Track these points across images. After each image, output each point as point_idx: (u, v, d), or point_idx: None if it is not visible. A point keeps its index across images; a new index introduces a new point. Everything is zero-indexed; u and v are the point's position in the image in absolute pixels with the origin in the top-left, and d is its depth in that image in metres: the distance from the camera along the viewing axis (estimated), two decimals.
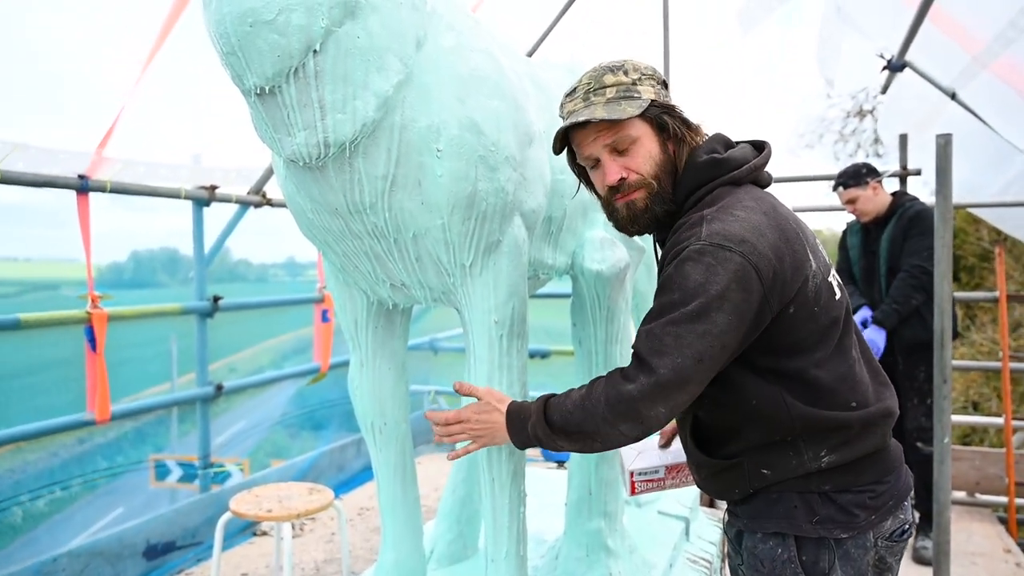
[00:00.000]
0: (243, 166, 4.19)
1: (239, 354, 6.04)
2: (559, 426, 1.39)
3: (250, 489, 2.94)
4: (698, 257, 1.27)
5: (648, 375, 1.28)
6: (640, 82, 1.40)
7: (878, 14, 4.21)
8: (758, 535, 1.43)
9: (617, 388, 1.31)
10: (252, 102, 1.49)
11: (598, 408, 1.33)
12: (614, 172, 1.42)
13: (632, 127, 1.39)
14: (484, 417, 1.54)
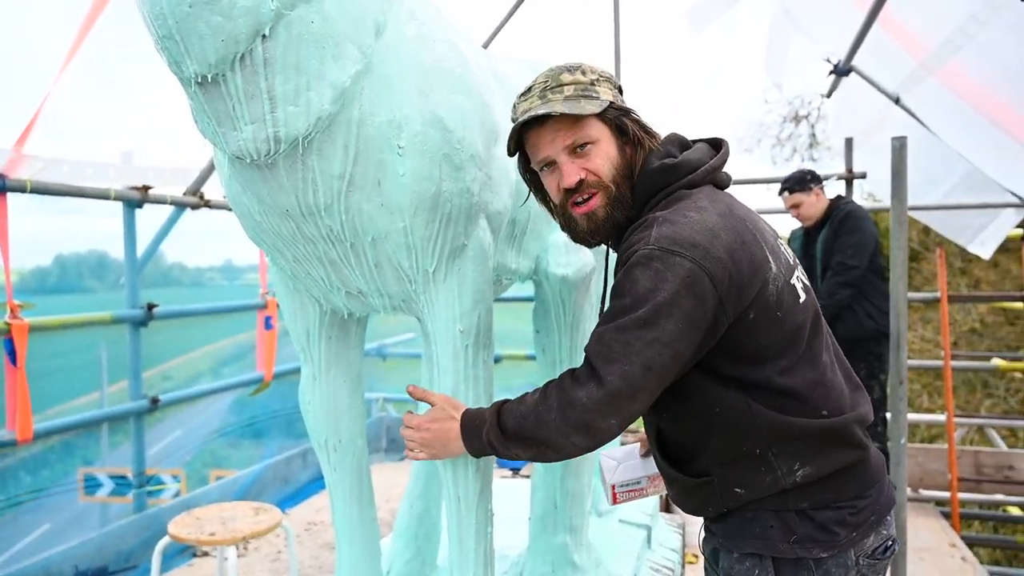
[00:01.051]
0: (179, 165, 3.96)
1: (174, 361, 5.76)
2: (513, 432, 1.34)
3: (190, 510, 2.75)
4: (647, 262, 1.22)
5: (598, 384, 1.23)
6: (598, 83, 1.35)
7: (827, 18, 4.27)
8: (734, 555, 1.35)
9: (568, 395, 1.27)
10: (192, 92, 1.34)
11: (551, 415, 1.28)
12: (572, 173, 1.34)
13: (591, 127, 1.33)
14: (436, 426, 1.48)
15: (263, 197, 1.51)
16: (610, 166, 1.34)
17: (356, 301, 1.76)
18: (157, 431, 4.66)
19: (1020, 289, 10.00)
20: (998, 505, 4.81)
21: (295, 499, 4.83)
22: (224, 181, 1.63)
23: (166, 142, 3.87)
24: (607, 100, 1.33)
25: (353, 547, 1.97)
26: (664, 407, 1.35)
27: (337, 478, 1.94)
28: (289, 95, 1.35)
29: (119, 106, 3.54)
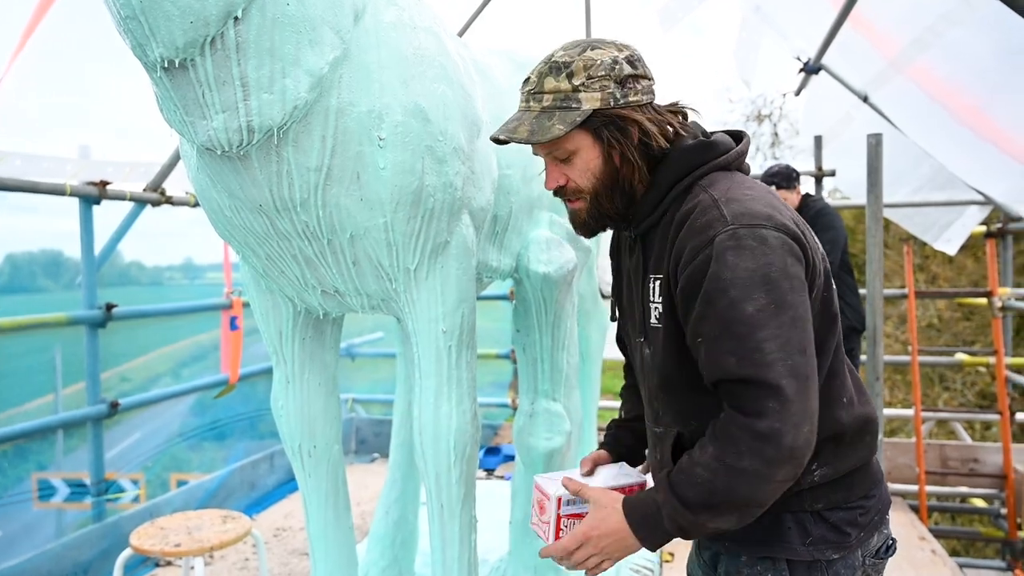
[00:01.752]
0: (140, 160, 3.80)
1: (132, 362, 5.56)
2: (702, 503, 1.12)
3: (153, 520, 2.63)
4: (736, 244, 1.11)
5: (775, 397, 1.06)
6: (585, 87, 1.21)
7: (797, 16, 4.29)
8: (742, 558, 1.29)
9: (753, 428, 1.07)
10: (157, 78, 1.25)
11: (742, 462, 1.08)
12: (553, 178, 1.29)
13: (567, 141, 1.23)
14: (605, 528, 1.21)
15: (234, 191, 1.43)
16: (590, 177, 1.25)
17: (332, 301, 1.69)
18: (115, 434, 4.48)
19: (975, 284, 10.27)
20: (962, 497, 4.90)
21: (263, 504, 4.70)
22: (191, 174, 1.54)
23: (126, 135, 3.71)
24: (589, 109, 1.21)
25: (329, 556, 1.89)
26: (694, 412, 1.25)
27: (312, 485, 1.86)
28: (263, 82, 1.27)
29: (76, 97, 3.38)
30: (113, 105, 3.31)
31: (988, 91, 3.38)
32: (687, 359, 1.20)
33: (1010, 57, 2.97)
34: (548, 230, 2.15)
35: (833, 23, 3.76)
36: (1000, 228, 4.65)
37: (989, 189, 4.51)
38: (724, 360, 1.10)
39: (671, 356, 1.23)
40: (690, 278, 1.14)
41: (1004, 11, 2.58)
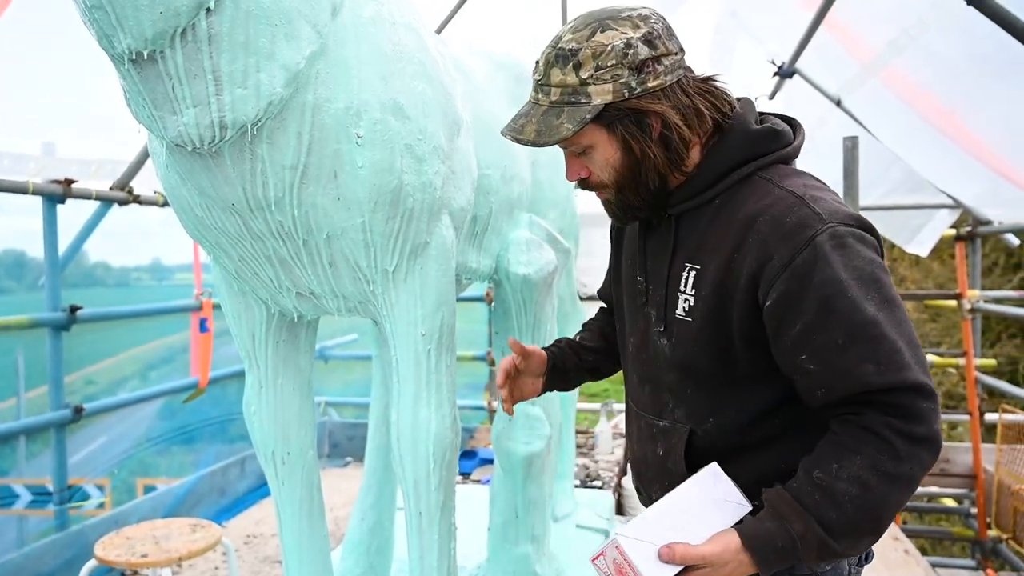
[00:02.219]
0: (106, 157, 3.70)
1: (98, 365, 5.42)
2: (847, 526, 1.00)
3: (119, 529, 2.55)
4: (840, 243, 1.02)
5: (928, 397, 0.99)
6: (594, 80, 1.08)
7: (773, 20, 4.31)
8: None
9: (913, 435, 0.99)
10: (125, 71, 1.20)
11: (902, 467, 0.99)
12: (573, 171, 1.20)
13: (580, 137, 1.13)
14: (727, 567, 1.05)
15: (206, 189, 1.37)
16: (610, 172, 1.15)
17: (307, 303, 1.64)
18: (79, 438, 4.35)
19: (940, 287, 10.47)
20: (932, 497, 4.97)
21: (233, 510, 4.60)
22: (160, 172, 1.48)
23: (92, 132, 3.60)
24: (601, 103, 1.08)
25: (303, 565, 1.84)
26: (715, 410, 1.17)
27: (286, 492, 1.81)
28: (236, 76, 1.22)
29: (39, 92, 3.27)
30: (78, 100, 3.21)
31: (960, 96, 3.42)
32: (727, 358, 1.12)
33: (982, 62, 3.01)
34: (528, 231, 2.12)
35: (808, 27, 3.78)
36: (969, 231, 4.73)
37: (959, 193, 4.59)
38: (861, 369, 1.00)
39: (704, 352, 1.14)
40: (792, 281, 1.02)
41: (977, 17, 2.61)
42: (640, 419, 1.30)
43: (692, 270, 1.15)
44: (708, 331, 1.13)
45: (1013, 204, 4.28)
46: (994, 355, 9.48)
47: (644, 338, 1.25)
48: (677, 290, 1.17)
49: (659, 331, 1.21)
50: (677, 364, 1.19)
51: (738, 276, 1.08)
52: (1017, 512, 4.07)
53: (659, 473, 1.26)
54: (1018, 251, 10.34)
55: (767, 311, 1.06)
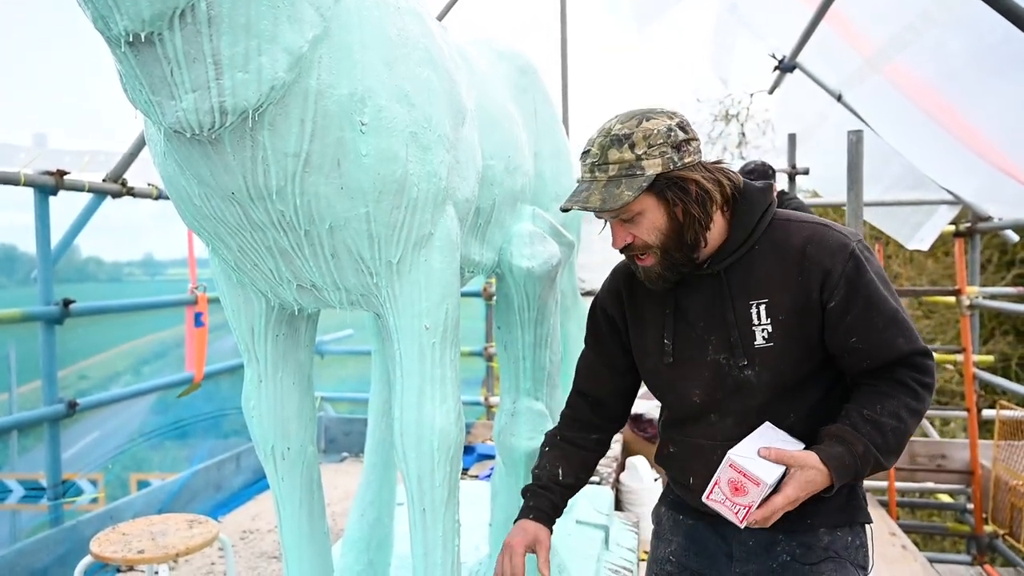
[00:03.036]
0: (99, 148, 3.64)
1: (91, 359, 5.37)
2: (894, 447, 1.34)
3: (115, 525, 2.51)
4: (865, 252, 1.38)
5: (931, 357, 1.38)
6: (647, 156, 1.33)
7: (774, 14, 4.28)
8: (820, 530, 1.42)
9: (924, 381, 1.34)
10: (121, 54, 1.16)
11: (923, 405, 1.35)
12: (620, 238, 1.40)
13: (634, 204, 1.35)
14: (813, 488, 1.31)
15: (205, 178, 1.33)
16: (657, 235, 1.37)
17: (308, 295, 1.60)
18: (72, 433, 4.31)
19: (933, 283, 10.48)
20: (929, 493, 4.97)
21: (229, 506, 4.57)
22: (157, 160, 1.44)
23: (85, 122, 3.54)
24: (653, 174, 1.33)
25: (303, 563, 1.81)
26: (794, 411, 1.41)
27: (286, 489, 1.77)
28: (237, 60, 1.18)
29: (31, 82, 3.21)
30: (71, 89, 3.16)
31: (962, 91, 3.40)
32: (806, 365, 1.38)
33: (986, 57, 2.98)
34: (531, 224, 2.09)
35: (810, 21, 3.76)
36: (969, 227, 4.72)
37: (959, 189, 4.57)
38: (896, 342, 1.33)
39: (788, 368, 1.38)
40: (847, 285, 1.34)
41: (981, 10, 2.58)
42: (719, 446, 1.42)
43: (761, 304, 1.38)
44: (791, 348, 1.37)
45: (1013, 201, 4.27)
46: (987, 351, 9.51)
47: (717, 382, 1.43)
48: (751, 325, 1.39)
49: (741, 365, 1.40)
50: (765, 386, 1.39)
51: (809, 292, 1.35)
52: (1014, 508, 4.07)
53: None
54: (1012, 248, 10.36)
55: (830, 310, 1.35)
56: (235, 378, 5.07)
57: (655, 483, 4.29)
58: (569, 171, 2.47)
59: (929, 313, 11.42)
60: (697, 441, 1.48)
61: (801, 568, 1.41)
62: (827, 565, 1.40)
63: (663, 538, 1.63)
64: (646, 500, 4.17)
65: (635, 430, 4.69)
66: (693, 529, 1.57)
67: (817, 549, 1.41)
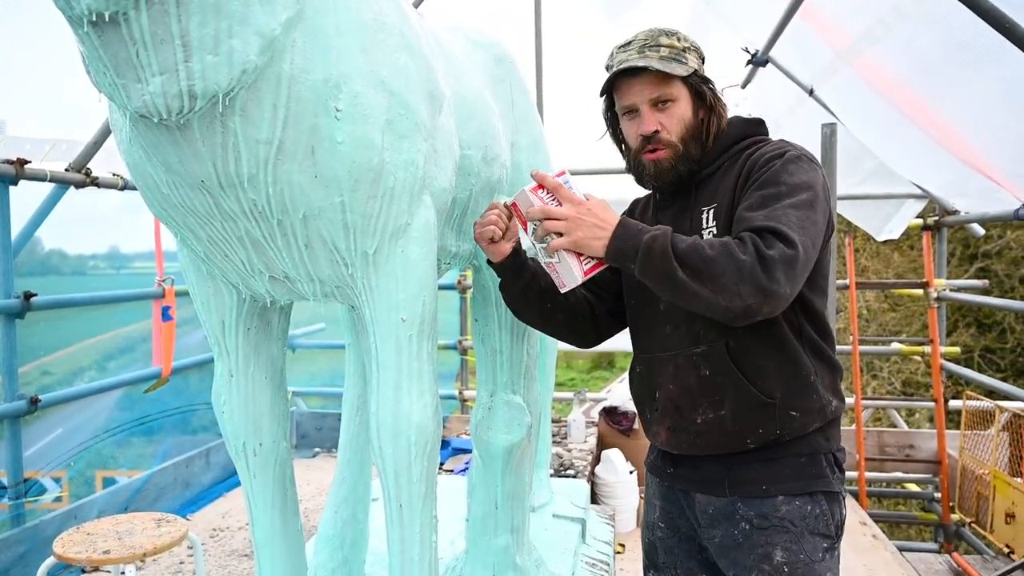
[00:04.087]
0: (61, 136, 3.53)
1: (54, 355, 5.24)
2: (685, 253, 1.31)
3: (79, 525, 2.44)
4: (798, 161, 1.41)
5: (788, 244, 1.28)
6: (688, 51, 1.50)
7: (747, 7, 4.29)
8: (778, 498, 1.45)
9: (760, 249, 1.27)
10: (84, 34, 1.10)
11: (742, 257, 1.27)
12: (651, 123, 1.50)
13: (675, 87, 1.48)
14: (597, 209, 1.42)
15: (172, 165, 1.28)
16: (682, 126, 1.50)
17: (281, 287, 1.56)
18: (35, 430, 4.20)
19: (899, 276, 10.68)
20: (897, 482, 5.06)
21: (198, 503, 4.49)
22: (123, 147, 1.38)
23: (47, 109, 3.44)
24: (693, 68, 1.48)
25: (275, 560, 1.77)
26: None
27: (258, 486, 1.73)
28: (207, 42, 1.13)
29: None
30: (32, 74, 3.05)
31: (931, 85, 3.44)
32: None
33: (956, 52, 3.02)
34: None
35: (783, 15, 3.77)
36: (936, 221, 4.80)
37: (927, 183, 4.64)
38: (750, 217, 1.34)
39: None
40: (759, 169, 1.42)
41: (951, 6, 2.61)
42: (676, 359, 1.53)
43: (710, 209, 1.48)
44: None
45: (979, 194, 4.35)
46: (952, 343, 9.71)
47: None
48: (701, 230, 1.47)
49: None
50: None
51: (735, 189, 1.45)
52: (980, 496, 4.16)
53: (707, 392, 1.48)
54: (975, 242, 10.58)
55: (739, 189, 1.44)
56: (204, 373, 4.98)
57: (630, 476, 4.31)
58: (546, 163, 2.45)
59: (895, 306, 11.63)
60: (656, 355, 1.57)
61: (759, 536, 1.45)
62: (780, 536, 1.43)
63: (650, 502, 1.72)
64: (621, 493, 4.19)
65: (610, 423, 4.71)
66: (669, 491, 1.65)
67: (773, 519, 1.44)
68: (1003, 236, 10.50)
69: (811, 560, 1.43)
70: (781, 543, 1.43)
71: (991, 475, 4.07)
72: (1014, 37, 2.53)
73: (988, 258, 10.89)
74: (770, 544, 1.44)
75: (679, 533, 1.63)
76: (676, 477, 1.61)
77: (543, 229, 1.43)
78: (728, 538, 1.49)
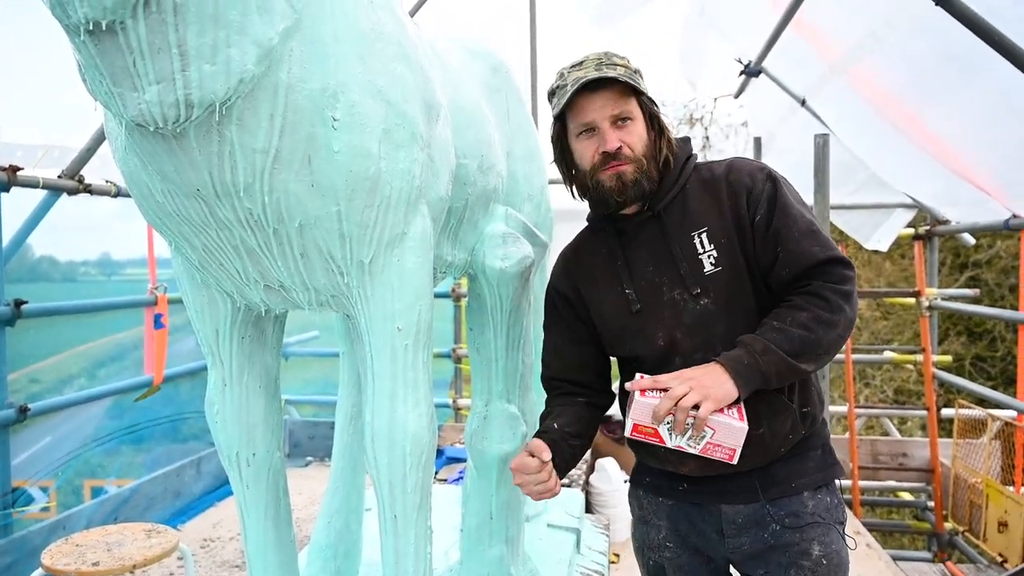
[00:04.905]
0: (54, 143, 3.51)
1: (43, 362, 5.20)
2: (796, 351, 1.36)
3: (68, 536, 2.41)
4: (778, 176, 1.48)
5: (848, 268, 1.39)
6: (638, 74, 1.52)
7: (741, 18, 4.32)
8: (804, 495, 1.49)
9: (841, 290, 1.37)
10: (80, 43, 1.10)
11: (834, 321, 1.36)
12: (613, 140, 1.48)
13: (633, 106, 1.49)
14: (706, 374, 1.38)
15: (168, 174, 1.28)
16: (642, 144, 1.50)
17: (276, 296, 1.55)
18: (22, 438, 4.16)
19: (891, 285, 10.73)
20: (891, 491, 5.07)
21: (188, 513, 4.45)
22: (118, 155, 1.38)
23: (40, 116, 3.42)
24: (644, 89, 1.50)
25: (268, 572, 1.75)
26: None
27: (251, 496, 1.72)
28: (204, 51, 1.13)
29: None
30: (25, 81, 3.04)
31: (923, 97, 3.47)
32: (753, 279, 1.46)
33: (947, 64, 3.04)
34: (504, 224, 2.06)
35: (776, 26, 3.80)
36: (928, 231, 4.83)
37: (918, 193, 4.67)
38: (812, 250, 1.40)
39: (742, 286, 1.46)
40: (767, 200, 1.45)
41: (944, 19, 2.63)
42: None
43: (702, 233, 1.48)
44: (739, 269, 1.45)
45: (969, 204, 4.38)
46: (943, 352, 9.75)
47: (677, 319, 1.50)
48: (697, 255, 1.47)
49: (696, 295, 1.47)
50: (723, 309, 1.46)
51: (738, 210, 1.46)
52: (973, 505, 4.17)
53: None
54: (965, 251, 10.64)
55: (757, 224, 1.45)
56: (195, 381, 4.95)
57: (625, 485, 4.30)
58: (541, 172, 2.45)
59: (887, 314, 11.67)
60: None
61: (792, 535, 1.48)
62: (815, 530, 1.48)
63: (651, 524, 1.67)
64: (616, 502, 4.18)
65: (604, 432, 4.70)
66: (676, 509, 1.61)
67: (804, 515, 1.48)
68: (993, 246, 10.57)
69: (840, 548, 1.51)
70: (817, 537, 1.48)
71: (984, 484, 4.09)
72: (1003, 49, 2.56)
73: (978, 267, 10.96)
74: (806, 540, 1.48)
75: (690, 549, 1.60)
76: (694, 492, 1.57)
77: (682, 414, 1.34)
78: (759, 542, 1.50)
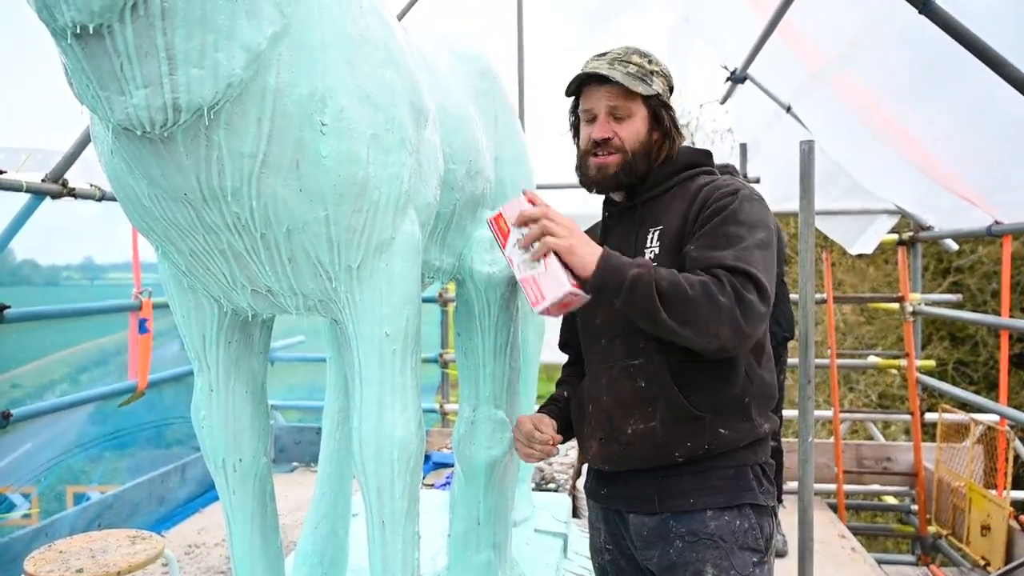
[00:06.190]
0: (37, 146, 3.48)
1: (25, 367, 5.14)
2: (668, 291, 1.33)
3: (51, 543, 2.38)
4: (752, 200, 1.46)
5: (760, 291, 1.34)
6: (656, 75, 1.56)
7: (726, 25, 4.36)
8: (707, 513, 1.45)
9: (741, 292, 1.32)
10: (67, 46, 1.10)
11: (722, 299, 1.31)
12: (604, 130, 1.54)
13: (634, 104, 1.54)
14: (580, 233, 1.44)
15: (155, 178, 1.27)
16: (635, 140, 1.54)
17: (264, 301, 1.55)
18: (3, 444, 4.10)
19: (874, 290, 10.82)
20: (875, 495, 5.11)
21: (173, 519, 4.40)
22: (104, 159, 1.37)
23: (23, 118, 3.39)
24: (656, 91, 1.54)
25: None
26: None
27: (237, 502, 1.71)
28: (192, 55, 1.13)
29: None
30: (7, 82, 3.01)
31: (906, 104, 3.51)
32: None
33: (929, 72, 3.08)
34: None
35: (762, 32, 3.83)
36: (911, 237, 4.88)
37: (901, 200, 4.72)
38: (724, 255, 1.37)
39: None
40: (714, 208, 1.44)
41: (927, 27, 2.67)
42: (611, 370, 1.53)
43: (656, 231, 1.51)
44: (673, 264, 1.43)
45: (951, 211, 4.43)
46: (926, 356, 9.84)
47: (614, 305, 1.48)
48: (644, 248, 1.51)
49: None
50: None
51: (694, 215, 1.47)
52: (956, 509, 4.21)
53: (640, 403, 1.48)
54: (947, 256, 10.75)
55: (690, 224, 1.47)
56: (179, 387, 4.90)
57: None
58: (529, 177, 2.46)
59: (871, 319, 11.77)
60: (593, 368, 1.59)
61: (690, 553, 1.45)
62: (710, 552, 1.44)
63: (594, 527, 1.70)
64: None
65: None
66: (607, 513, 1.63)
67: (701, 534, 1.44)
68: (975, 251, 10.68)
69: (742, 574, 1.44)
70: (712, 559, 1.43)
71: (967, 487, 4.12)
72: (984, 57, 2.59)
73: (961, 272, 11.07)
74: (701, 561, 1.44)
75: (625, 554, 1.59)
76: (610, 498, 1.59)
77: (538, 229, 1.41)
78: (664, 558, 1.48)
